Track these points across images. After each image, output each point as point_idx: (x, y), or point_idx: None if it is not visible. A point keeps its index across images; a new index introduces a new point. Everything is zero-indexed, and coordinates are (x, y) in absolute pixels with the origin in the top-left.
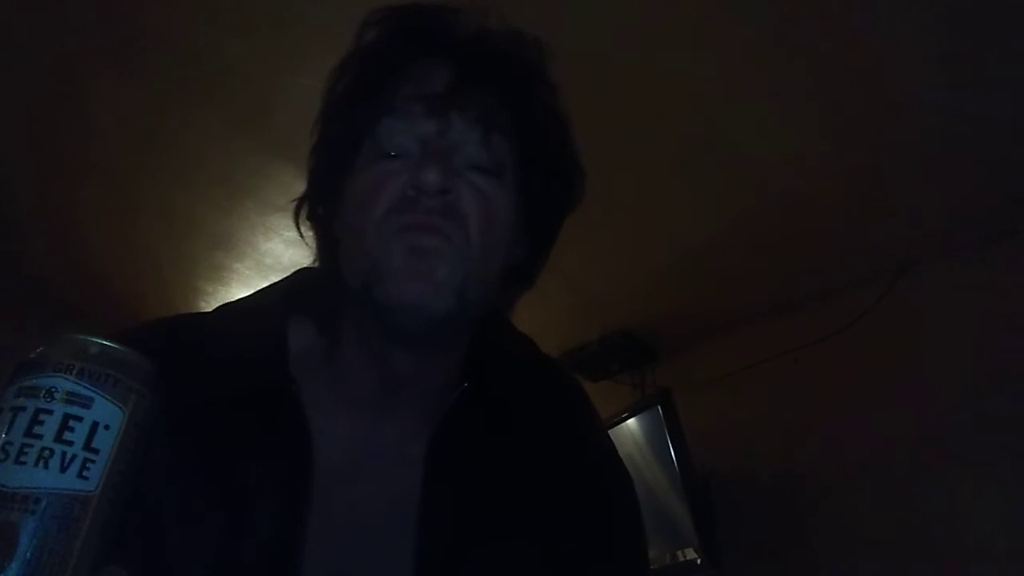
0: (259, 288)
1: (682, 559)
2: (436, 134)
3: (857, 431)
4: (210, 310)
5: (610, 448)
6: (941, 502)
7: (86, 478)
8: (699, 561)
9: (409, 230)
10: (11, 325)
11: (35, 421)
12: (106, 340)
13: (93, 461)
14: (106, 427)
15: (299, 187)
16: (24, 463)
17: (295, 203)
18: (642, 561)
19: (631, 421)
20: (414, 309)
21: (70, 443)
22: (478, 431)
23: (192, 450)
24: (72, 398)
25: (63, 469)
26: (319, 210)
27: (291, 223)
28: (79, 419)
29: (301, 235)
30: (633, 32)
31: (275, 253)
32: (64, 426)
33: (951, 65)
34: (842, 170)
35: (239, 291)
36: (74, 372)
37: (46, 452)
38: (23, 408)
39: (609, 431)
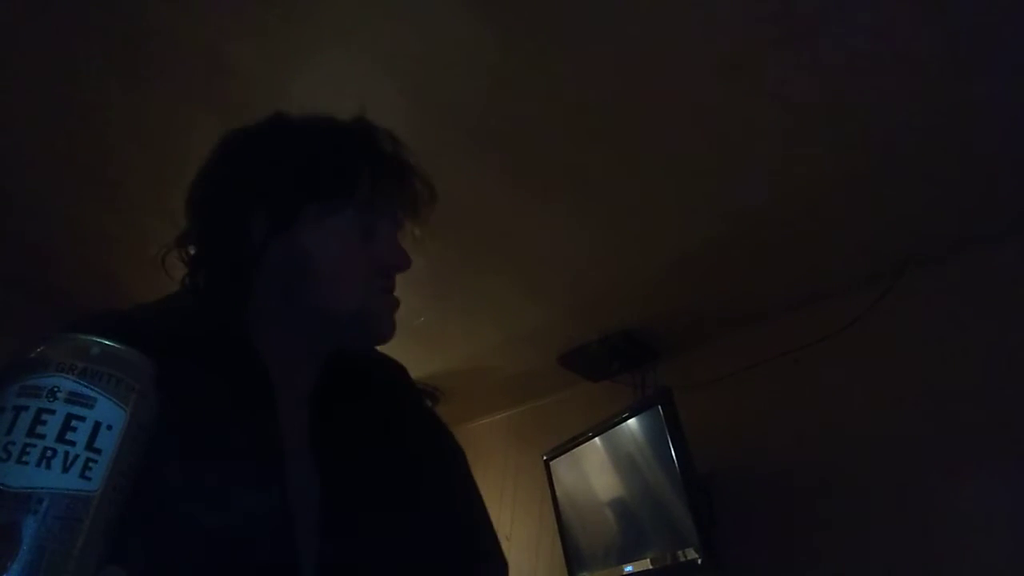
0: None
1: (683, 559)
2: (397, 231)
3: (857, 431)
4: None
5: (427, 404)
6: (941, 502)
7: (88, 478)
8: (699, 561)
9: (389, 292)
10: (10, 325)
11: (37, 421)
12: (107, 340)
13: (95, 461)
14: (108, 427)
15: None
16: (27, 463)
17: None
18: (465, 472)
19: (632, 421)
20: (385, 340)
21: (72, 443)
22: (339, 391)
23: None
24: (74, 398)
25: (65, 469)
26: (250, 236)
27: None
28: (81, 419)
29: (199, 240)
30: (633, 33)
31: None
32: (67, 426)
33: (951, 64)
34: (842, 170)
35: None
36: (76, 372)
37: (48, 452)
38: (25, 407)
39: (610, 431)
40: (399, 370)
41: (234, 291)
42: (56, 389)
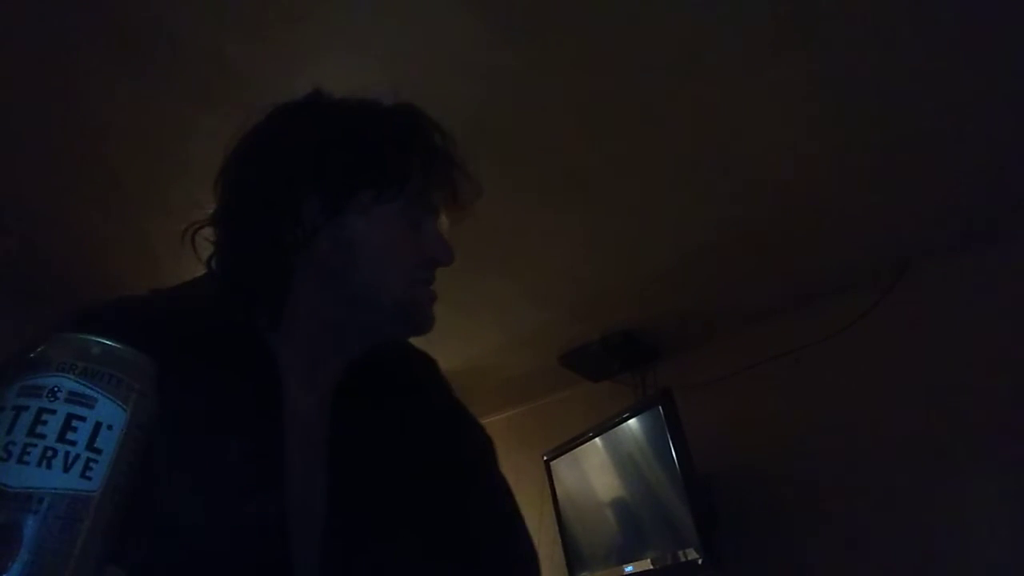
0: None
1: (683, 559)
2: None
3: (857, 431)
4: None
5: (456, 397)
6: (941, 501)
7: (89, 478)
8: (700, 561)
9: (429, 283)
10: (11, 325)
11: (38, 421)
12: (108, 340)
13: (96, 461)
14: (109, 427)
15: None
16: (27, 463)
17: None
18: (492, 467)
19: (632, 421)
20: (424, 332)
21: (73, 443)
22: (364, 389)
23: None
24: (75, 398)
25: (66, 469)
26: (291, 225)
27: None
28: (82, 419)
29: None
30: (633, 35)
31: None
32: (67, 426)
33: (951, 64)
34: (842, 170)
35: None
36: (77, 372)
37: (49, 452)
38: (26, 407)
39: (610, 431)
40: (428, 363)
41: (274, 277)
42: (57, 389)
